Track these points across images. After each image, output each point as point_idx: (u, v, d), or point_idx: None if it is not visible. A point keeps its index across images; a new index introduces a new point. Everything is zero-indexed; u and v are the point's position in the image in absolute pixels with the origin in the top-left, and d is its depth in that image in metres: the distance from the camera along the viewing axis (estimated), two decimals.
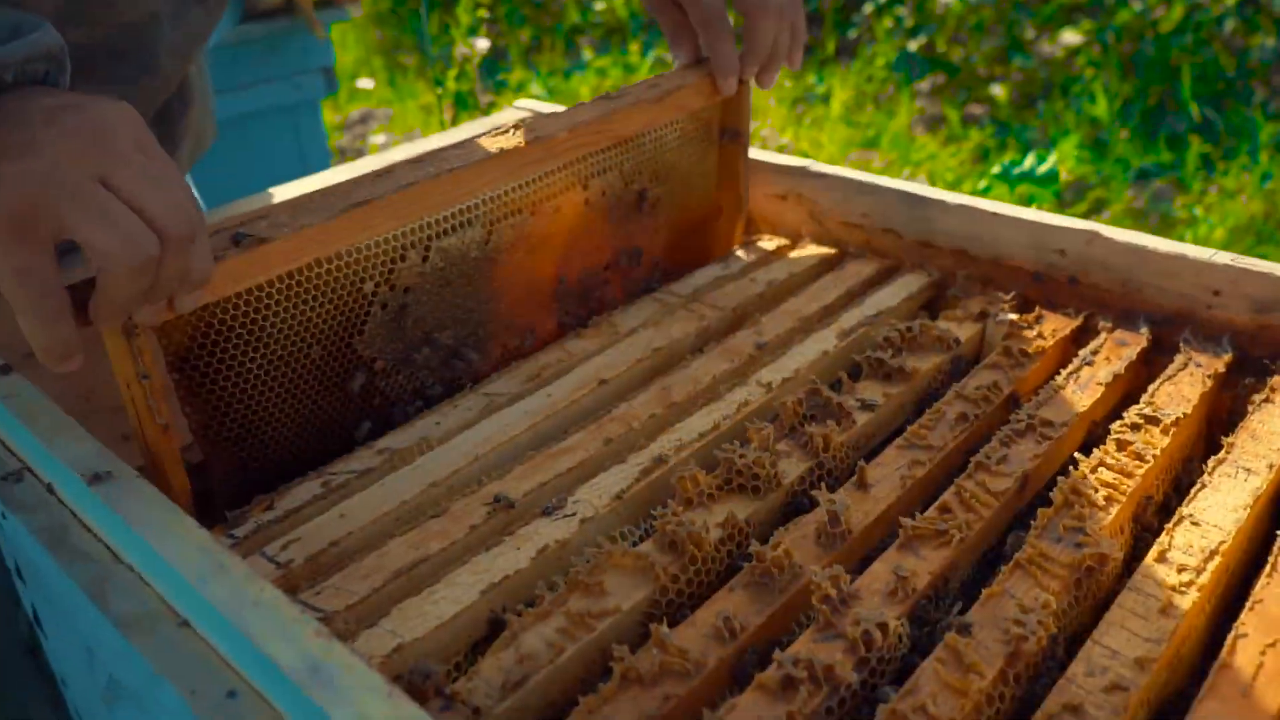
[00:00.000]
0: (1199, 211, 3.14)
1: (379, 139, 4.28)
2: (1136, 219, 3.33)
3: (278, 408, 0.91)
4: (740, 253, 1.24)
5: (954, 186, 3.18)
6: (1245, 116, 3.66)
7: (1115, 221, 3.26)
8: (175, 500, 0.76)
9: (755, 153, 1.28)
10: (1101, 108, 3.64)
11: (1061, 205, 2.69)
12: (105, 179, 0.64)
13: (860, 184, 1.20)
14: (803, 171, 1.24)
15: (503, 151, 0.97)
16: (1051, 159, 1.73)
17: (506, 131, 1.00)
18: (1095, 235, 1.05)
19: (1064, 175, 1.78)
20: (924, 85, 4.36)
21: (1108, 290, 1.06)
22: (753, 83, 1.16)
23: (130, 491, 0.66)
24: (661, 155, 1.17)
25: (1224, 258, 0.99)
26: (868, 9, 4.54)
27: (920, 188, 1.17)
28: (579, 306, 1.14)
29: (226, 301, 0.84)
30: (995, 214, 1.11)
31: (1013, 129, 3.84)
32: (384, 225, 0.90)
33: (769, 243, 1.26)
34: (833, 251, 1.22)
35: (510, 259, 1.04)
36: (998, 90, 4.20)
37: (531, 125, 1.01)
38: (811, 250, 1.23)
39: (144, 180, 0.65)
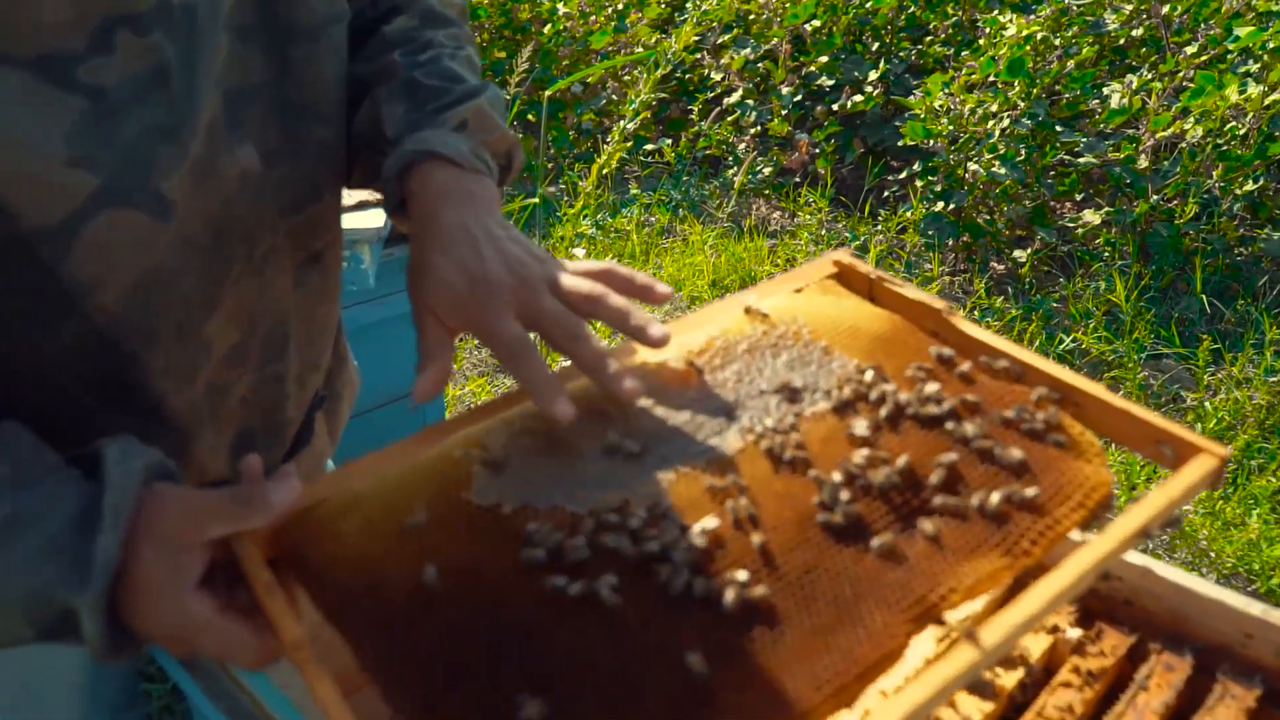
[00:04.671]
0: (1209, 406, 3.40)
1: None
2: (1149, 399, 3.58)
3: None
4: None
5: None
6: (1251, 311, 3.95)
7: (1131, 396, 3.51)
8: None
9: None
10: (1119, 293, 3.92)
11: None
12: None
13: None
14: None
15: None
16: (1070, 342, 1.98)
17: None
18: (1148, 571, 1.28)
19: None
20: (950, 247, 4.66)
21: (1157, 614, 1.28)
22: None
23: None
24: None
25: (1256, 608, 1.22)
26: (903, 174, 4.86)
27: None
28: None
29: None
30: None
31: (1034, 301, 4.12)
32: None
33: None
34: None
35: None
36: (1021, 255, 4.49)
37: None
38: None
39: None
